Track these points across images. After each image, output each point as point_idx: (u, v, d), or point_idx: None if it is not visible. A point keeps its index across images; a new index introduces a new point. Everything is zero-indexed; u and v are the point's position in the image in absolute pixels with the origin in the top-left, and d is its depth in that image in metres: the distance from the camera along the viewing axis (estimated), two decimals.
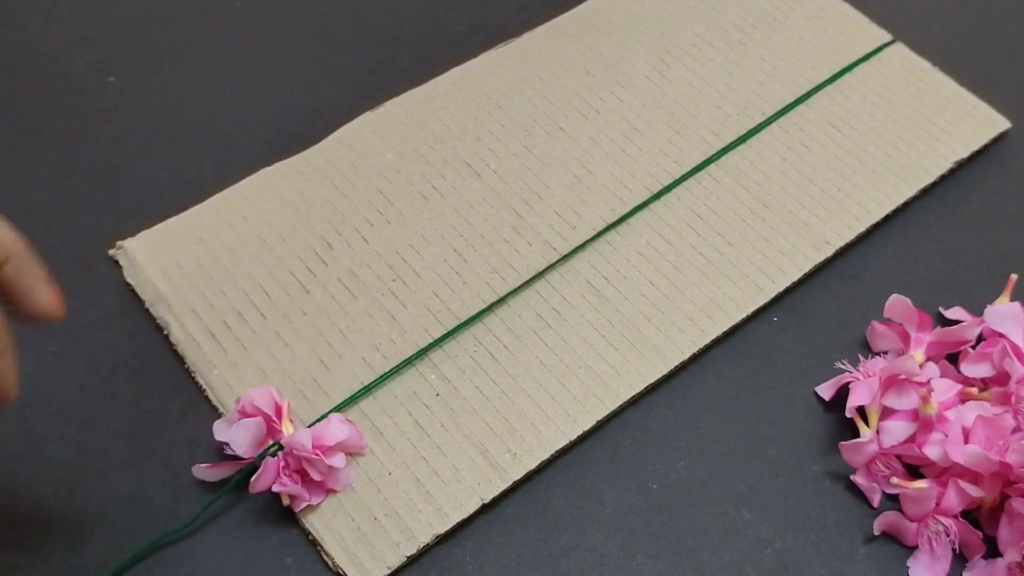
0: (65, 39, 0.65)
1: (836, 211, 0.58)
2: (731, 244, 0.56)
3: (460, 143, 0.60)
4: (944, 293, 0.56)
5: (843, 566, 0.48)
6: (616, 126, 0.61)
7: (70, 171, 0.59)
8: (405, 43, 0.66)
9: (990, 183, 0.61)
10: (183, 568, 0.47)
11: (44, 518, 0.48)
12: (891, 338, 0.53)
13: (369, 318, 0.53)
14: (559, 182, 0.58)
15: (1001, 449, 0.46)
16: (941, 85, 0.63)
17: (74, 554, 0.47)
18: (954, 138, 0.61)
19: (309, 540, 0.47)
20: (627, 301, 0.54)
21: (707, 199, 0.58)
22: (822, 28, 0.66)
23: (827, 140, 0.61)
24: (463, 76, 0.63)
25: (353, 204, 0.57)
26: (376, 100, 0.61)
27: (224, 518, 0.48)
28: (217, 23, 0.67)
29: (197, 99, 0.63)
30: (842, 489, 0.50)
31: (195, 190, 0.57)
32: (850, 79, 0.64)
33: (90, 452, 0.49)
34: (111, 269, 0.55)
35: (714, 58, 0.64)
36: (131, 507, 0.48)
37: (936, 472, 0.48)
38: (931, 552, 0.47)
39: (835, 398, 0.52)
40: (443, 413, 0.50)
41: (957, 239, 0.58)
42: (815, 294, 0.56)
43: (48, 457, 0.49)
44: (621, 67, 0.64)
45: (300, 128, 0.61)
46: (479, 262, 0.55)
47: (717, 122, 0.61)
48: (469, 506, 0.48)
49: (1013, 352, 0.49)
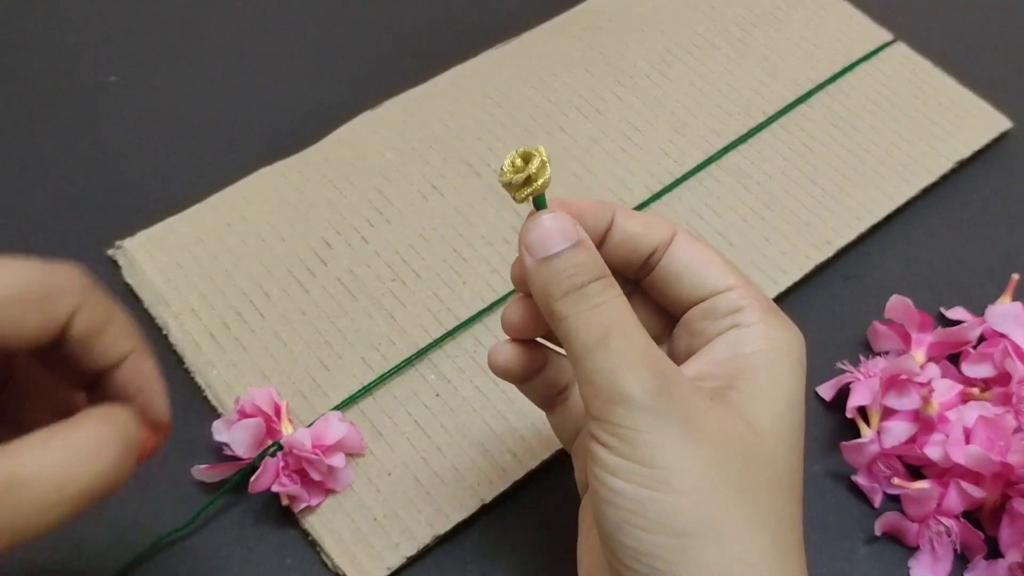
0: (65, 39, 0.65)
1: (837, 211, 0.58)
2: (732, 244, 0.56)
3: (460, 143, 0.60)
4: (945, 293, 0.56)
5: (844, 566, 0.48)
6: (617, 125, 0.61)
7: (70, 171, 0.59)
8: (405, 43, 0.66)
9: (992, 183, 0.61)
10: (182, 568, 0.47)
11: None
12: (892, 338, 0.53)
13: (368, 318, 0.53)
14: (559, 182, 0.58)
15: (1002, 449, 0.46)
16: (942, 84, 0.63)
17: (74, 556, 0.47)
18: (955, 138, 0.61)
19: (308, 541, 0.47)
20: None
21: (708, 199, 0.58)
22: (823, 27, 0.66)
23: (828, 139, 0.61)
24: (463, 75, 0.63)
25: (353, 204, 0.57)
26: (376, 100, 0.61)
27: (223, 518, 0.48)
28: (217, 23, 0.67)
29: (197, 99, 0.63)
30: (843, 489, 0.50)
31: (195, 190, 0.57)
32: (851, 78, 0.63)
33: None
34: (110, 269, 0.55)
35: (715, 57, 0.64)
36: (130, 508, 0.48)
37: (937, 473, 0.48)
38: (932, 553, 0.47)
39: (836, 398, 0.52)
40: (443, 413, 0.50)
41: (958, 239, 0.58)
42: (816, 294, 0.56)
43: None
44: (622, 66, 0.63)
45: (300, 128, 0.61)
46: (479, 262, 0.55)
47: (718, 121, 0.61)
48: (469, 506, 0.48)
49: (1014, 352, 0.49)
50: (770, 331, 0.37)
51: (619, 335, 0.34)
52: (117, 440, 0.33)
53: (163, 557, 0.47)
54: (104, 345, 0.35)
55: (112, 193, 0.59)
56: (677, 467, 0.33)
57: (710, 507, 0.33)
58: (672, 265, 0.38)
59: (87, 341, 0.34)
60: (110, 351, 0.35)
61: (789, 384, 0.36)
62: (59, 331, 0.34)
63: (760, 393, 0.35)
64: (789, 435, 0.35)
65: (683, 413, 0.33)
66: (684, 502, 0.33)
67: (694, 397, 0.34)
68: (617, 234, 0.38)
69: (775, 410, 0.35)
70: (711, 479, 0.33)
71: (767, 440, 0.35)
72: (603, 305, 0.35)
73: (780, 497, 0.34)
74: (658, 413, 0.33)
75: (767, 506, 0.34)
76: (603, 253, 0.37)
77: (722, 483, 0.33)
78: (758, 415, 0.35)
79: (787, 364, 0.36)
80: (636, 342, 0.34)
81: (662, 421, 0.33)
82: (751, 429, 0.35)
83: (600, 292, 0.35)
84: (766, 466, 0.34)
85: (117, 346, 0.35)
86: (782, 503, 0.34)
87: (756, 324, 0.37)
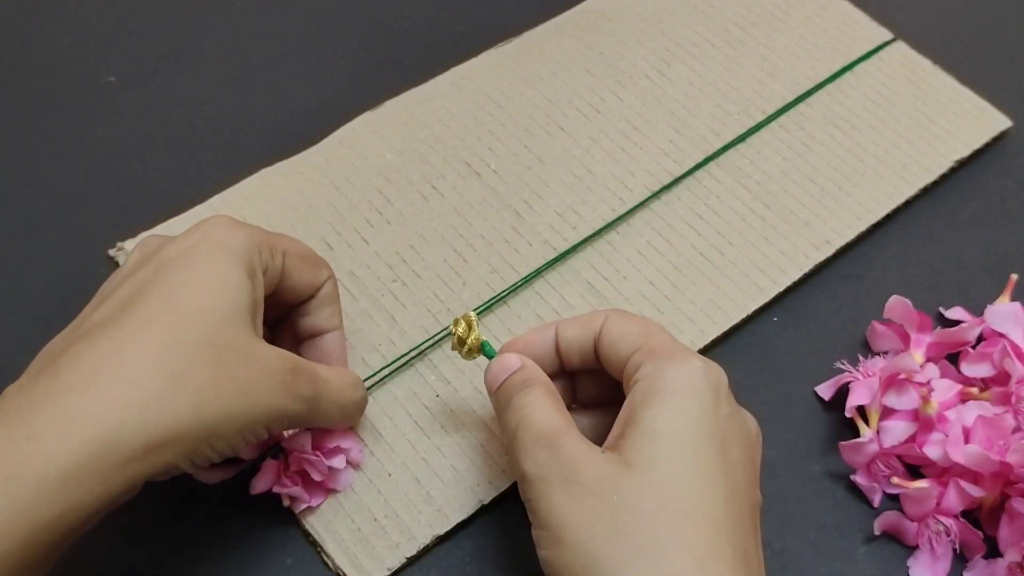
0: (65, 39, 0.66)
1: (836, 210, 0.58)
2: (731, 244, 0.56)
3: (460, 143, 0.60)
4: (944, 293, 0.56)
5: (843, 566, 0.48)
6: (616, 125, 0.61)
7: (70, 171, 0.59)
8: (405, 43, 0.66)
9: (991, 182, 0.61)
10: (183, 569, 0.47)
11: None
12: (891, 338, 0.53)
13: (369, 319, 0.53)
14: (559, 182, 0.58)
15: (1001, 449, 0.46)
16: (942, 83, 0.63)
17: (74, 558, 0.47)
18: (955, 137, 0.61)
19: (309, 541, 0.47)
20: (627, 301, 0.54)
21: (707, 198, 0.58)
22: (822, 26, 0.66)
23: (827, 139, 0.61)
24: (463, 75, 0.63)
25: (353, 204, 0.57)
26: (376, 100, 0.61)
27: (224, 519, 0.48)
28: (217, 23, 0.67)
29: (197, 99, 0.63)
30: (842, 489, 0.50)
31: (195, 190, 0.57)
32: (851, 78, 0.63)
33: None
34: (111, 269, 0.55)
35: (714, 57, 0.64)
36: (131, 510, 0.48)
37: (936, 472, 0.48)
38: (932, 552, 0.47)
39: (835, 398, 0.52)
40: (443, 414, 0.50)
41: (957, 239, 0.58)
42: (815, 294, 0.56)
43: None
44: (621, 66, 0.64)
45: (300, 128, 0.61)
46: (479, 262, 0.55)
47: (717, 121, 0.61)
48: (469, 507, 0.48)
49: (1013, 352, 0.49)
50: (659, 374, 0.40)
51: (522, 427, 0.41)
52: (364, 391, 0.47)
53: (165, 557, 0.47)
54: (329, 312, 0.48)
55: (113, 193, 0.59)
56: (562, 523, 0.38)
57: (591, 548, 0.37)
58: (602, 347, 0.44)
59: (324, 304, 0.47)
60: (332, 319, 0.48)
61: (672, 417, 0.39)
62: (316, 290, 0.47)
63: (640, 433, 0.39)
64: (670, 463, 0.38)
65: (565, 473, 0.39)
66: (572, 553, 0.37)
67: (582, 455, 0.39)
68: (563, 343, 0.45)
69: (654, 444, 0.39)
70: (590, 524, 0.37)
71: (643, 473, 0.38)
72: (518, 407, 0.42)
73: (662, 524, 0.37)
74: (545, 480, 0.39)
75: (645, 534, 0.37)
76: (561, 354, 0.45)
77: (599, 525, 0.37)
78: (638, 453, 0.39)
79: (672, 400, 0.40)
80: (533, 429, 0.41)
81: (546, 485, 0.39)
82: (628, 468, 0.38)
83: (520, 399, 0.42)
84: (642, 498, 0.37)
85: (336, 317, 0.48)
86: (666, 528, 0.37)
87: (648, 375, 0.41)
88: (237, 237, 0.42)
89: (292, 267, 0.45)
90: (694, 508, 0.38)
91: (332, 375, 0.45)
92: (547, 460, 0.39)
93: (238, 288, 0.41)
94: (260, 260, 0.43)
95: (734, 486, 0.39)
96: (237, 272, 0.41)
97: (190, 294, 0.40)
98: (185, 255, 0.41)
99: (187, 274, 0.40)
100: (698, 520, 0.37)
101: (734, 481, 0.39)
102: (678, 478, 0.38)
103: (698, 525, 0.37)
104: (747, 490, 0.40)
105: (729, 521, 0.38)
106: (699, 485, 0.38)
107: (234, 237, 0.42)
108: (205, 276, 0.41)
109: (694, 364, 0.41)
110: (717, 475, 0.39)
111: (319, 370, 0.44)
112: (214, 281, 0.41)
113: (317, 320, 0.47)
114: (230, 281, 0.41)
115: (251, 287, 0.42)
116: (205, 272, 0.41)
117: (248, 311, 0.41)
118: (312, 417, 0.44)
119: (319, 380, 0.43)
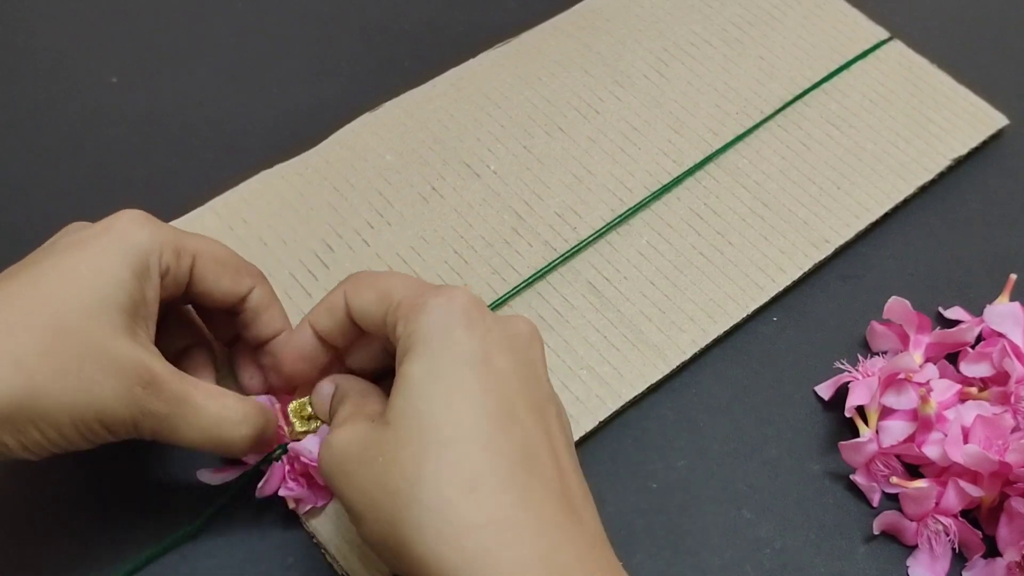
0: (65, 39, 0.65)
1: (835, 209, 0.58)
2: (731, 243, 0.56)
3: (460, 144, 0.60)
4: (943, 292, 0.56)
5: (843, 565, 0.48)
6: (615, 126, 0.61)
7: (70, 171, 0.59)
8: (405, 43, 0.66)
9: (989, 181, 0.61)
10: (184, 568, 0.47)
11: (47, 523, 0.48)
12: (890, 338, 0.53)
13: None
14: (559, 182, 0.58)
15: (1000, 449, 0.46)
16: (939, 82, 0.64)
17: (78, 558, 0.47)
18: (952, 135, 0.61)
19: (313, 543, 0.48)
20: (628, 301, 0.54)
21: (707, 198, 0.58)
22: (819, 26, 0.66)
23: (825, 138, 0.61)
24: (462, 76, 0.63)
25: (353, 206, 0.57)
26: (376, 100, 0.61)
27: (226, 519, 0.48)
28: (217, 23, 0.67)
29: (197, 100, 0.63)
30: (842, 488, 0.50)
31: (195, 192, 0.57)
32: (848, 77, 0.64)
33: (93, 456, 0.50)
34: None
35: (712, 57, 0.64)
36: (135, 512, 0.48)
37: (935, 472, 0.48)
38: (931, 551, 0.48)
39: (834, 398, 0.52)
40: None
41: (956, 238, 0.59)
42: (815, 294, 0.56)
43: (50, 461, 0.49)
44: (620, 66, 0.64)
45: (300, 129, 0.61)
46: (479, 263, 0.55)
47: (716, 121, 0.61)
48: None
49: (1012, 352, 0.50)
50: (409, 329, 0.41)
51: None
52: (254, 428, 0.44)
53: (168, 559, 0.47)
54: (265, 320, 0.47)
55: (112, 194, 0.58)
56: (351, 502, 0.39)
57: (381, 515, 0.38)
58: (360, 323, 0.45)
59: (256, 313, 0.47)
60: (271, 325, 0.48)
61: (421, 362, 0.39)
62: (240, 299, 0.46)
63: (396, 391, 0.40)
64: (422, 404, 0.38)
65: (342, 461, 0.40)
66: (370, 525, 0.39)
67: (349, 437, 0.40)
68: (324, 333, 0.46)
69: (407, 395, 0.39)
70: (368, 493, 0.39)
71: (399, 426, 0.38)
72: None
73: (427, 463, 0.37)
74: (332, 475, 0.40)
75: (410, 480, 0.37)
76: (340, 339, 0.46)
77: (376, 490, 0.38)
78: (393, 410, 0.39)
79: (422, 347, 0.40)
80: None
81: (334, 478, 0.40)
82: (386, 427, 0.39)
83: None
84: (402, 447, 0.38)
85: (275, 323, 0.48)
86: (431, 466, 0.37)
87: (402, 332, 0.41)
88: (137, 234, 0.42)
89: (205, 272, 0.45)
90: (453, 437, 0.37)
91: (211, 404, 0.43)
92: (328, 458, 0.40)
93: (114, 284, 0.41)
94: (160, 261, 0.43)
95: (502, 396, 0.39)
96: (120, 269, 0.41)
97: (57, 281, 0.40)
98: (78, 243, 0.42)
99: (67, 262, 0.41)
100: (459, 446, 0.37)
101: (502, 391, 0.39)
102: (433, 416, 0.38)
103: (460, 450, 0.37)
104: (522, 392, 0.40)
105: (500, 433, 0.38)
106: (455, 413, 0.38)
107: (134, 234, 0.42)
108: (81, 267, 0.41)
109: (437, 302, 0.40)
110: (477, 395, 0.38)
111: (192, 395, 0.42)
112: (87, 273, 0.41)
113: (257, 330, 0.48)
114: (106, 276, 0.41)
115: (135, 286, 0.42)
116: (83, 263, 0.41)
117: (120, 309, 0.41)
118: (171, 436, 0.43)
119: (182, 403, 0.42)
